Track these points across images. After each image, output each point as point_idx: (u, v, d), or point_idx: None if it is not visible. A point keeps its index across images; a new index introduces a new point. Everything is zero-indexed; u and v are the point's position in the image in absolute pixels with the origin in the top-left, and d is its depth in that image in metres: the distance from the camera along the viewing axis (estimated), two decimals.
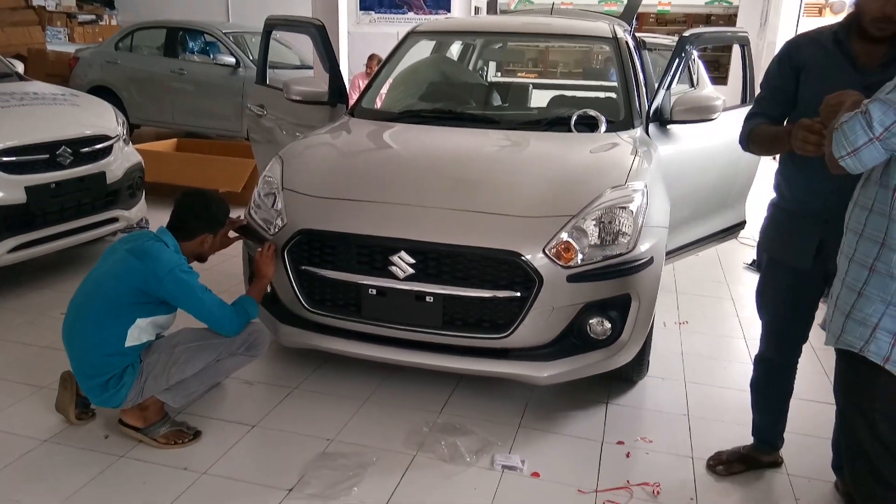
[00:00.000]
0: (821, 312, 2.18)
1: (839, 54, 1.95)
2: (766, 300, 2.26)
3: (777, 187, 2.20)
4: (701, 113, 3.22)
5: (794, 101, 2.07)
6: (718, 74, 10.23)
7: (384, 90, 4.00)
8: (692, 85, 4.37)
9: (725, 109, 3.33)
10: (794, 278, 2.13)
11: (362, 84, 4.92)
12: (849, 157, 1.54)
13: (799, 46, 2.06)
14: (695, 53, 4.03)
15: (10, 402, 2.69)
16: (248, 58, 7.80)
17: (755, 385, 2.38)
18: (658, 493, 2.30)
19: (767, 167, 3.23)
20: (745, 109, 2.29)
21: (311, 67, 7.39)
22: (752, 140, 2.13)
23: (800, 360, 2.32)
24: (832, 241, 1.97)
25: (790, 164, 2.11)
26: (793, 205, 2.12)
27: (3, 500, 2.15)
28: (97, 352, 2.34)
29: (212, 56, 8.33)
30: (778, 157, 2.19)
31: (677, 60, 3.33)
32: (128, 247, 2.38)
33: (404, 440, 2.55)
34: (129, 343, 2.35)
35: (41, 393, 2.75)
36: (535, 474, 2.38)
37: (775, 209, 2.20)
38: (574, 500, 2.25)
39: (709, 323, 3.76)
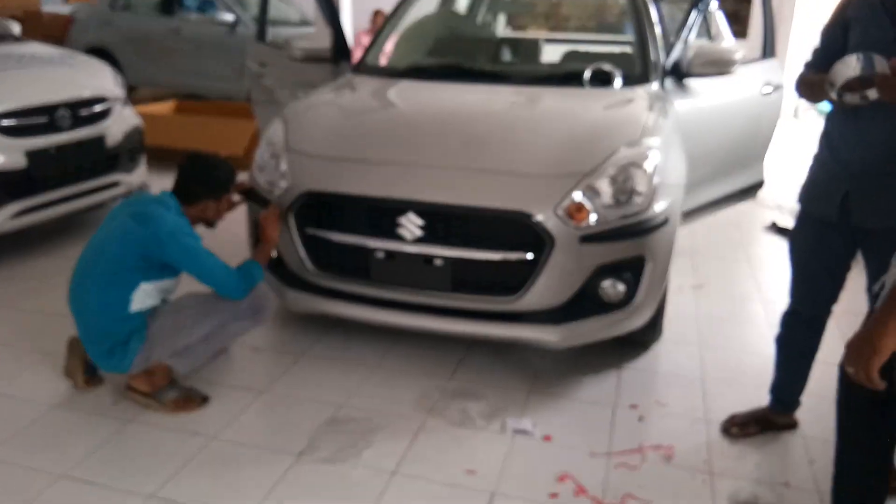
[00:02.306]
0: (852, 274, 2.14)
1: (882, 8, 1.89)
2: (796, 251, 2.23)
3: (819, 138, 2.16)
4: (719, 66, 3.10)
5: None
6: (738, 27, 9.94)
7: (389, 46, 3.89)
8: (710, 38, 4.24)
9: (745, 63, 3.22)
10: (822, 231, 2.10)
11: (366, 42, 4.78)
12: None
13: (851, 1, 2.00)
14: (713, 4, 3.90)
15: (19, 369, 2.69)
16: (248, 15, 7.61)
17: (780, 340, 2.34)
18: (671, 455, 2.28)
19: (788, 125, 3.13)
20: (766, 63, 2.21)
21: (311, 24, 7.23)
22: (801, 85, 2.13)
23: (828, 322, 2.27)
24: (857, 194, 1.95)
25: (832, 116, 2.08)
26: (826, 154, 2.08)
27: (13, 464, 2.16)
28: (102, 317, 2.31)
29: (209, 14, 8.14)
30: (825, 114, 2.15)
31: (695, 12, 3.20)
32: (129, 211, 2.33)
33: (414, 405, 2.53)
34: (133, 308, 2.32)
35: (49, 359, 2.73)
36: (547, 438, 2.36)
37: (813, 159, 2.17)
38: (586, 463, 2.23)
39: (725, 286, 3.69)
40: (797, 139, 7.04)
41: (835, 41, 2.03)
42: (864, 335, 1.46)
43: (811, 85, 2.07)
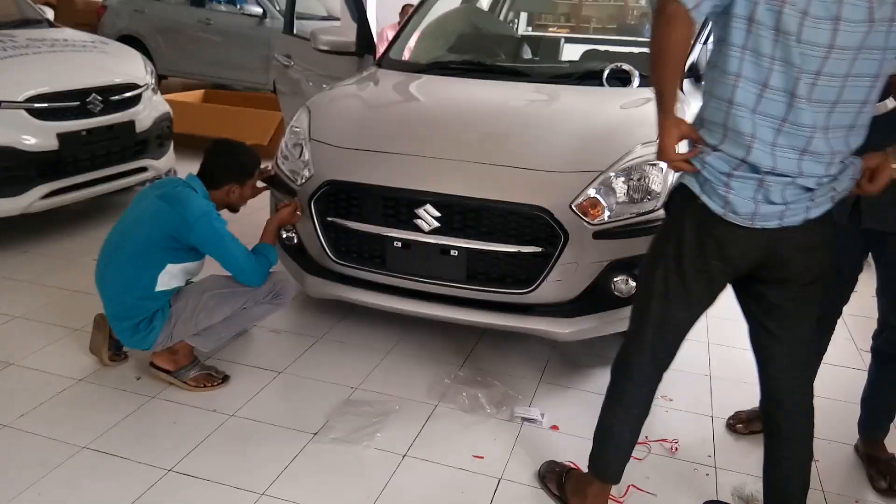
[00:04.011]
0: (863, 276, 2.17)
1: None
2: None
3: None
4: None
5: None
6: None
7: (412, 41, 3.94)
8: None
9: None
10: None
11: (390, 36, 4.85)
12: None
13: None
14: None
15: (46, 343, 2.78)
16: (275, 8, 7.72)
17: None
18: (676, 449, 2.33)
19: None
20: None
21: (337, 19, 7.28)
22: None
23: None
24: (869, 199, 1.94)
25: None
26: None
27: (37, 435, 2.24)
28: (128, 295, 2.39)
29: (238, 6, 8.25)
30: None
31: None
32: (158, 192, 2.41)
33: (426, 390, 2.59)
34: (159, 288, 2.40)
35: (75, 335, 2.83)
36: (555, 427, 2.41)
37: None
38: None
39: None
40: None
41: None
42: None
43: None
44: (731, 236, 1.62)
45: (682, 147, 1.67)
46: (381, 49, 3.79)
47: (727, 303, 3.63)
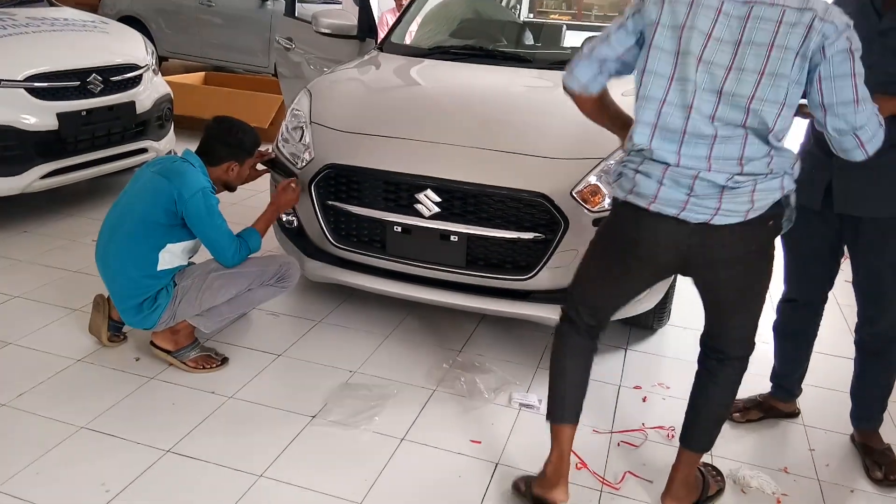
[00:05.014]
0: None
1: (869, 0, 1.88)
2: (786, 239, 2.24)
3: (806, 127, 2.16)
4: None
5: None
6: None
7: (414, 25, 3.92)
8: None
9: None
10: (808, 218, 2.10)
11: (390, 20, 4.81)
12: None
13: None
14: None
15: (45, 323, 2.79)
16: None
17: (776, 328, 2.38)
18: (672, 436, 2.33)
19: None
20: None
21: (339, 2, 7.24)
22: None
23: (824, 309, 2.30)
24: (840, 183, 1.98)
25: None
26: (811, 143, 2.08)
27: (35, 414, 2.25)
28: (131, 273, 2.39)
29: None
30: None
31: None
32: (155, 168, 2.42)
33: (424, 375, 2.60)
34: (161, 267, 2.41)
35: (74, 315, 2.84)
36: None
37: (800, 148, 2.17)
38: (589, 440, 2.29)
39: None
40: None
41: None
42: None
43: None
44: (637, 223, 1.70)
45: None
46: (382, 33, 3.76)
47: None
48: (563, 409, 1.95)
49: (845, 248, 2.15)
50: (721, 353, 1.89)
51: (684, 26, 1.56)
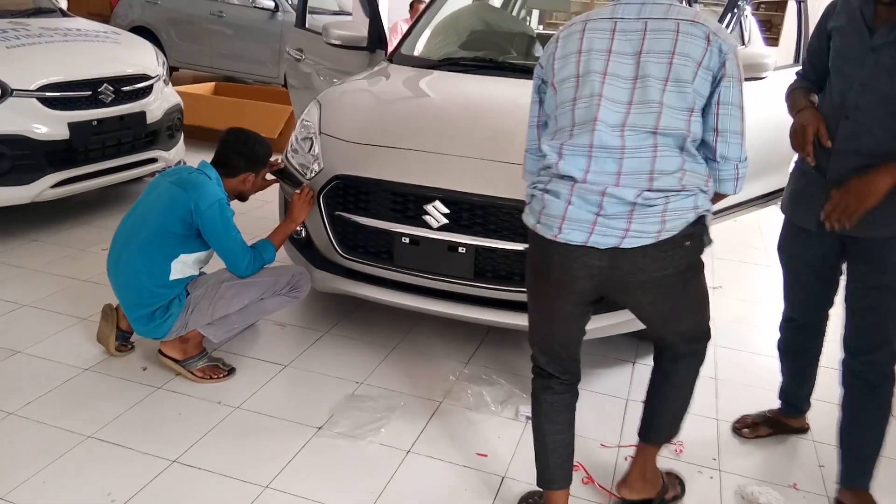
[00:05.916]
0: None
1: (860, 17, 1.86)
2: (785, 258, 2.23)
3: None
4: (751, 70, 3.10)
5: (828, 66, 2.00)
6: (770, 35, 9.80)
7: (424, 37, 3.94)
8: (743, 43, 4.21)
9: (776, 69, 3.21)
10: (805, 239, 2.09)
11: (403, 28, 4.84)
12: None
13: (835, 7, 1.98)
14: (748, 9, 3.87)
15: (54, 331, 2.80)
16: (287, 2, 7.72)
17: (780, 346, 2.36)
18: (681, 451, 2.32)
19: None
20: (798, 69, 2.21)
21: (349, 14, 7.29)
22: (787, 97, 2.14)
23: (828, 326, 2.27)
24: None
25: None
26: (806, 163, 2.04)
27: (42, 423, 2.25)
28: (144, 282, 2.40)
29: None
30: None
31: (729, 16, 3.20)
32: (171, 179, 2.43)
33: (431, 387, 2.59)
34: (173, 276, 2.42)
35: (83, 324, 2.85)
36: None
37: (795, 167, 2.16)
38: (596, 454, 2.28)
39: (743, 288, 3.71)
40: None
41: (818, 51, 2.03)
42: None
43: (790, 105, 2.09)
44: (548, 252, 1.67)
45: None
46: (393, 43, 3.78)
47: (732, 305, 3.63)
48: (551, 478, 1.91)
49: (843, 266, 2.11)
50: (672, 351, 1.87)
51: (581, 51, 1.63)
